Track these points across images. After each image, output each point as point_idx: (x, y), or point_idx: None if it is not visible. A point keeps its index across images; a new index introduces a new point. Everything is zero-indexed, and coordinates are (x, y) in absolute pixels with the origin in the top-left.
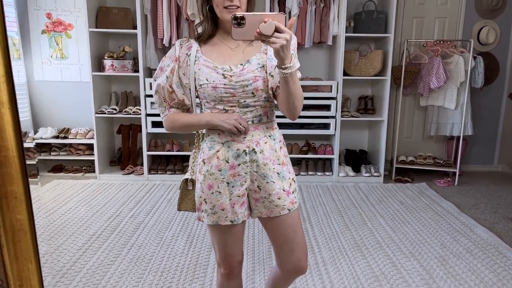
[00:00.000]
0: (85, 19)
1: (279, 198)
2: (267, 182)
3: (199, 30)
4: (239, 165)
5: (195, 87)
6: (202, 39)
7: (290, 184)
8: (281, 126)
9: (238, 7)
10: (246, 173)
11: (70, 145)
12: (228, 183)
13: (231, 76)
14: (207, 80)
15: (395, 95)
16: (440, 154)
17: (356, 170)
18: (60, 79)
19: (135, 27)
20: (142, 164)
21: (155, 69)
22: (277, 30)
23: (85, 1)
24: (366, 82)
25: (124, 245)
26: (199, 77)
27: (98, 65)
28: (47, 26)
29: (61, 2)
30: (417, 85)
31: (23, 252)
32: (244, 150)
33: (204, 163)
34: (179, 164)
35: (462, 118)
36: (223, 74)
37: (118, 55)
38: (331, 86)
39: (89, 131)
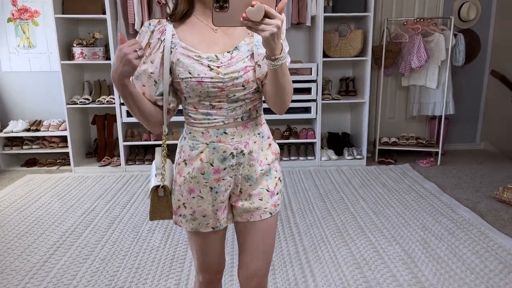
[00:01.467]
0: (51, 5)
1: (260, 199)
2: (250, 185)
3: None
4: (224, 169)
5: (171, 80)
6: (176, 18)
7: (276, 184)
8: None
9: None
10: (232, 177)
11: (43, 137)
12: (211, 188)
13: (218, 67)
14: (189, 73)
15: (376, 75)
16: (423, 134)
17: (339, 153)
18: (29, 69)
19: (104, 12)
20: (119, 155)
21: None
22: (266, 15)
23: None
24: (347, 63)
25: (98, 242)
26: (178, 68)
27: (67, 54)
28: (13, 14)
29: None
30: (398, 65)
31: None
32: (232, 153)
33: (186, 164)
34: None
35: (443, 97)
36: (208, 66)
37: (88, 42)
38: (311, 68)
39: (62, 123)
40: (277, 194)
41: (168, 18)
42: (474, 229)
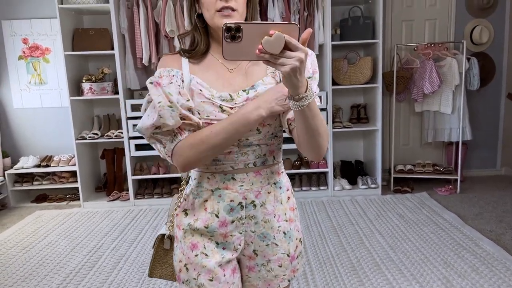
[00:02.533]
0: (60, 42)
1: (280, 266)
2: (267, 245)
3: (186, 42)
4: (232, 222)
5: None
6: (193, 56)
7: (297, 246)
8: None
9: (235, 10)
10: (241, 233)
11: (53, 173)
12: (217, 243)
13: (231, 108)
14: (198, 113)
15: (388, 102)
16: (440, 160)
17: (353, 182)
18: (40, 105)
19: (113, 48)
20: (128, 189)
21: (136, 90)
22: (287, 46)
23: (59, 24)
24: (358, 90)
25: (102, 284)
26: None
27: (77, 89)
28: (24, 52)
29: (37, 26)
30: (410, 90)
31: None
32: (240, 203)
33: (186, 214)
34: (167, 186)
35: (459, 123)
36: (220, 106)
37: (97, 78)
38: (320, 97)
39: (72, 158)
40: (297, 257)
41: (184, 54)
42: (499, 264)
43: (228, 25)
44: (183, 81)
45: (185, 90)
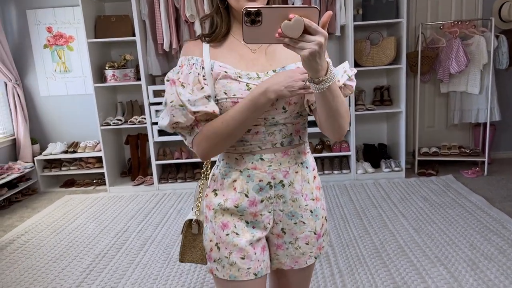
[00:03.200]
0: (83, 30)
1: (307, 244)
2: (295, 223)
3: (207, 27)
4: (262, 201)
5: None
6: (213, 40)
7: (322, 224)
8: None
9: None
10: (270, 212)
11: (80, 159)
12: (247, 222)
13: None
14: (225, 93)
15: (413, 83)
16: (467, 142)
17: (376, 166)
18: (65, 93)
19: (134, 34)
20: (152, 174)
21: (158, 76)
22: (306, 30)
23: (81, 12)
24: (381, 72)
25: (129, 264)
26: (215, 89)
27: (100, 76)
28: (49, 40)
29: (60, 15)
30: (436, 71)
31: None
32: (269, 182)
33: (216, 194)
34: (190, 171)
35: (488, 103)
36: (247, 84)
37: (119, 64)
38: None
39: (98, 144)
40: (323, 235)
41: (204, 38)
42: None
43: (248, 9)
44: (203, 67)
45: (202, 78)
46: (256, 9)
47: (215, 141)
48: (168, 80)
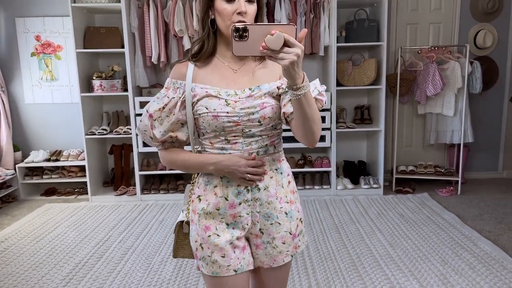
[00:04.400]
0: (73, 40)
1: (283, 243)
2: (271, 224)
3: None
4: (240, 204)
5: (193, 116)
6: (200, 59)
7: (297, 225)
8: None
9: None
10: (248, 214)
11: (63, 167)
12: (227, 224)
13: (235, 102)
14: (206, 108)
15: (392, 103)
16: (442, 162)
17: (355, 182)
18: (51, 101)
19: (123, 46)
20: (135, 184)
21: (145, 87)
22: (286, 44)
23: (71, 22)
24: (362, 91)
25: (109, 273)
26: (197, 106)
27: (87, 86)
28: (36, 49)
29: (50, 24)
30: (414, 92)
31: None
32: (246, 187)
33: (200, 200)
34: (173, 182)
35: (461, 125)
36: (225, 100)
37: (107, 75)
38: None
39: (81, 153)
40: (298, 235)
41: (191, 58)
42: (496, 263)
43: (236, 26)
44: (184, 91)
45: (181, 102)
46: (243, 26)
47: (172, 165)
48: (147, 111)
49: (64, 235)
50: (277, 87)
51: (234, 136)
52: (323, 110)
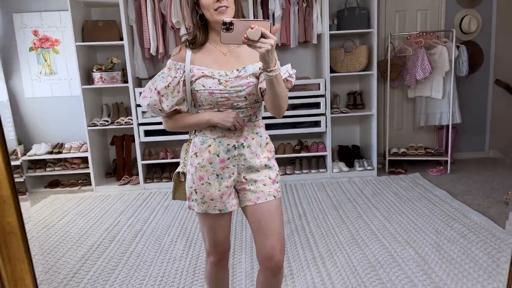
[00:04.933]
0: (71, 34)
1: (264, 185)
2: (252, 171)
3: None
4: (228, 159)
5: (191, 92)
6: (195, 46)
7: (276, 174)
8: (272, 126)
9: (227, 7)
10: (234, 166)
11: (65, 159)
12: (217, 175)
13: (226, 81)
14: (203, 86)
15: (383, 88)
16: (432, 144)
17: (350, 165)
18: (50, 94)
19: (121, 39)
20: (137, 174)
21: (144, 79)
22: (262, 35)
23: (70, 16)
24: (354, 78)
25: (123, 254)
26: (195, 84)
27: (87, 78)
28: (34, 43)
29: (47, 19)
30: (404, 77)
31: (15, 254)
32: (234, 145)
33: (196, 156)
34: (174, 171)
35: (449, 107)
36: (219, 80)
37: (106, 67)
38: (319, 84)
39: (83, 145)
40: (277, 183)
41: (188, 45)
42: (485, 232)
43: (224, 21)
44: (184, 71)
45: (182, 81)
46: (230, 21)
47: (174, 128)
48: (156, 89)
49: (73, 222)
50: (259, 68)
51: (225, 108)
52: (318, 96)
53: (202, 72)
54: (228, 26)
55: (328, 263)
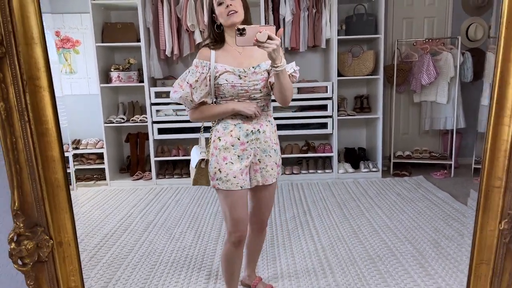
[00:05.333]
0: (92, 35)
1: (272, 169)
2: (266, 156)
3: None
4: (247, 142)
5: (215, 86)
6: (217, 48)
7: (280, 159)
8: (281, 127)
9: (236, 11)
10: (252, 149)
11: (82, 155)
12: (238, 156)
13: (245, 76)
14: (226, 80)
15: (389, 93)
16: (437, 148)
17: (356, 166)
18: (70, 92)
19: (138, 40)
20: (150, 170)
21: (159, 79)
22: (269, 38)
23: (91, 18)
24: (361, 81)
25: (136, 241)
26: (219, 79)
27: (105, 78)
28: (56, 44)
29: (69, 20)
30: (409, 82)
31: (60, 204)
32: (252, 130)
33: (220, 140)
34: (186, 168)
35: (454, 112)
36: (239, 76)
37: (123, 67)
38: (327, 87)
39: (98, 141)
40: (279, 167)
41: (211, 46)
42: None
43: (238, 27)
44: (209, 68)
45: (208, 76)
46: (243, 27)
47: (200, 118)
48: (188, 83)
49: (89, 213)
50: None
51: (244, 99)
52: (325, 99)
53: (225, 69)
54: (241, 32)
55: (329, 254)
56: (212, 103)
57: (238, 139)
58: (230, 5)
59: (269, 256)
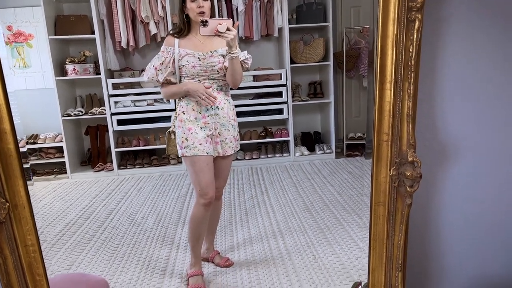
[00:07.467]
0: (44, 28)
1: (230, 142)
2: (225, 129)
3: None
4: (208, 116)
5: (179, 67)
6: (181, 36)
7: (237, 134)
8: (239, 114)
9: (205, 12)
10: (212, 122)
11: (40, 149)
12: (201, 127)
13: (204, 59)
14: (187, 62)
15: (340, 78)
16: None
17: (311, 149)
18: (24, 87)
19: (93, 32)
20: (111, 161)
21: (116, 71)
22: (228, 29)
23: (43, 11)
24: (314, 68)
25: (98, 228)
26: (181, 61)
27: (60, 71)
28: (8, 38)
29: (20, 14)
30: (358, 67)
31: (14, 172)
32: (211, 106)
33: (184, 113)
34: (147, 158)
35: None
36: (198, 58)
37: (79, 60)
38: (281, 74)
39: (57, 135)
40: (237, 141)
41: (176, 35)
42: None
43: (202, 19)
44: (173, 53)
45: (172, 60)
46: (206, 20)
47: (166, 95)
48: (153, 66)
49: (50, 204)
50: (226, 51)
51: (204, 79)
52: (280, 86)
53: (187, 52)
54: (204, 23)
55: (283, 228)
56: (179, 82)
57: (200, 113)
58: (202, 6)
59: (227, 232)
